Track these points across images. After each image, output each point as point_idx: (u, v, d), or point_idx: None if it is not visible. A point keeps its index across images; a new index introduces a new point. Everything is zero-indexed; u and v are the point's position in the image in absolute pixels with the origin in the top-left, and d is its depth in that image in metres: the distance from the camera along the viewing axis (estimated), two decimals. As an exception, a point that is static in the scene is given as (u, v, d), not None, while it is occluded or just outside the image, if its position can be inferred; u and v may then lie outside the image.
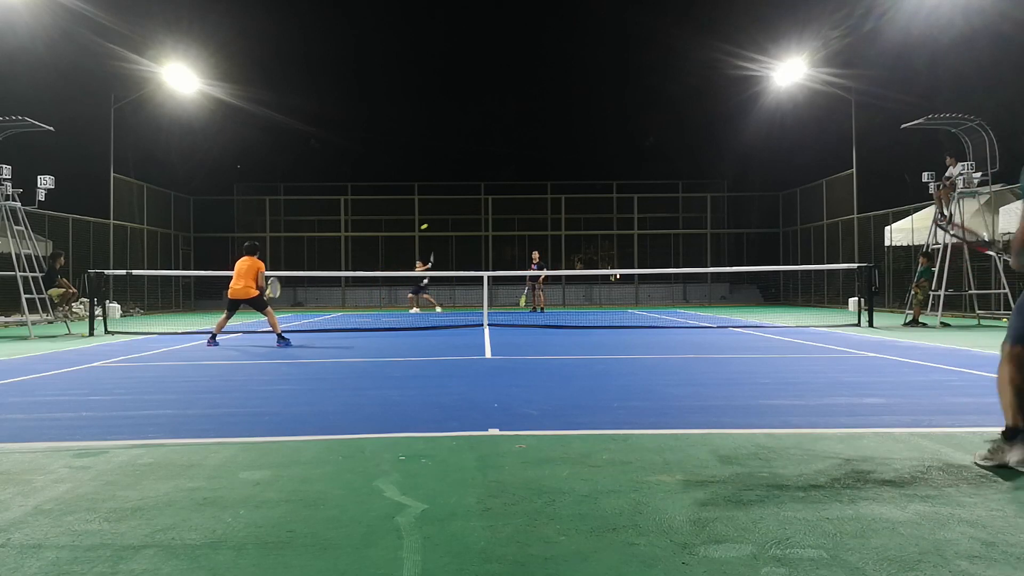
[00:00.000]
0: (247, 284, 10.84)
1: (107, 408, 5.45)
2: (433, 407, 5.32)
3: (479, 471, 3.51)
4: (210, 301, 29.77)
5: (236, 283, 10.90)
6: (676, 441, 4.11)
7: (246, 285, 10.83)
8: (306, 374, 7.64)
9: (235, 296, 10.95)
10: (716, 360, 8.76)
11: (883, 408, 5.17)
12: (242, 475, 3.47)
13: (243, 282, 10.83)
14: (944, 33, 22.12)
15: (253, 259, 11.06)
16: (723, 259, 31.69)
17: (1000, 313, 16.13)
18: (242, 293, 10.85)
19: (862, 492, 3.11)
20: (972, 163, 14.74)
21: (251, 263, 10.98)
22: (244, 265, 10.95)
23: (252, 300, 10.95)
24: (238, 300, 11.00)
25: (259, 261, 11.11)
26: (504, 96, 38.25)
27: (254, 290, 10.89)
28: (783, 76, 25.30)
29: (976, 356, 8.70)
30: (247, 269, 10.92)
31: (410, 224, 31.01)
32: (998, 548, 2.48)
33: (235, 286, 10.90)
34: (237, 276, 10.94)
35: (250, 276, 10.89)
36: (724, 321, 16.99)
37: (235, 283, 10.92)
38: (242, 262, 11.00)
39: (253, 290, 10.88)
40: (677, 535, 2.62)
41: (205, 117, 28.52)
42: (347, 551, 2.51)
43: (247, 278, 10.86)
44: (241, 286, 10.83)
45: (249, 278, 10.88)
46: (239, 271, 10.94)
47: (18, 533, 2.71)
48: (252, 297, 10.91)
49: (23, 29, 20.50)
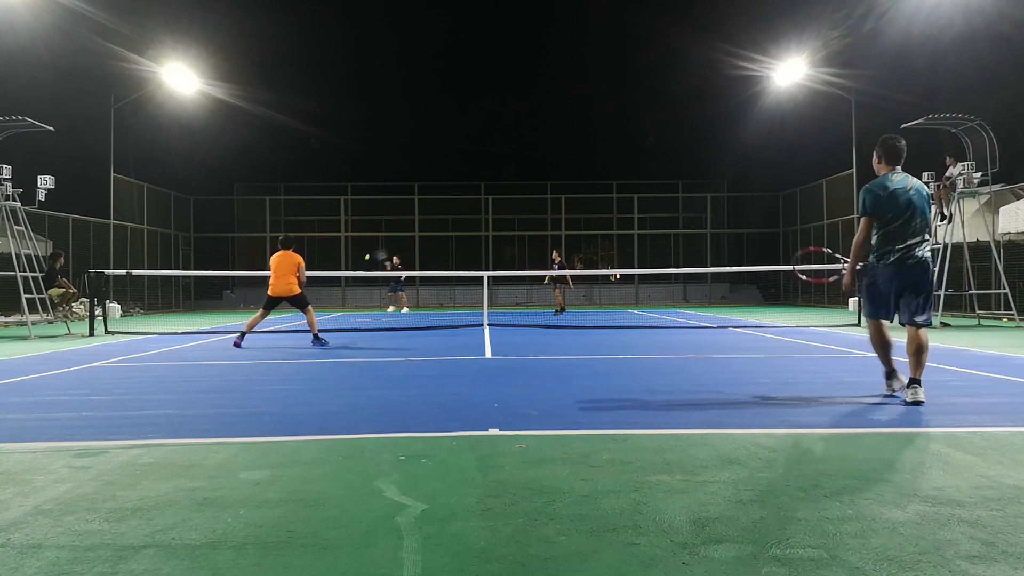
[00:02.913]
0: (289, 281, 10.46)
1: (107, 408, 5.45)
2: (433, 407, 5.32)
3: (479, 471, 3.51)
4: (210, 301, 29.79)
5: (277, 281, 10.48)
6: (676, 441, 4.11)
7: (288, 282, 10.45)
8: (306, 374, 7.63)
9: (276, 294, 10.53)
10: (716, 360, 8.75)
11: (883, 408, 5.17)
12: (242, 475, 3.47)
13: (285, 279, 10.45)
14: (944, 33, 22.13)
15: (289, 253, 10.62)
16: (723, 259, 31.70)
17: (1000, 313, 16.13)
18: (284, 290, 10.47)
19: (862, 492, 3.11)
20: (972, 163, 14.74)
21: (288, 258, 10.55)
22: (281, 261, 10.52)
23: (294, 298, 10.58)
24: (279, 298, 10.59)
25: (296, 255, 10.66)
26: (504, 96, 38.29)
27: (296, 287, 10.52)
28: (783, 76, 25.30)
29: (976, 356, 8.70)
30: (286, 265, 10.49)
31: (410, 224, 31.02)
32: (998, 548, 2.48)
33: (276, 284, 10.48)
34: (276, 273, 10.51)
35: (291, 272, 10.49)
36: (724, 321, 16.99)
37: (275, 281, 10.49)
38: (278, 257, 10.58)
39: (296, 287, 10.51)
40: (677, 535, 2.62)
41: (205, 117, 28.53)
42: (347, 551, 2.51)
43: (288, 274, 10.47)
44: (283, 283, 10.45)
45: (290, 274, 10.48)
46: (277, 268, 10.50)
47: (18, 533, 2.71)
48: (295, 295, 10.55)
49: (23, 29, 20.51)
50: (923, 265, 5.34)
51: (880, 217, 5.37)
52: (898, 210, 5.31)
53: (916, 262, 5.32)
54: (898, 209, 5.31)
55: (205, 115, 28.36)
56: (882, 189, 5.37)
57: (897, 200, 5.32)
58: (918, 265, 5.32)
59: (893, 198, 5.33)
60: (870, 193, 5.40)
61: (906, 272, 5.32)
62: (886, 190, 5.36)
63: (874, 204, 5.37)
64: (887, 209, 5.33)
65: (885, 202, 5.34)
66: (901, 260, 5.29)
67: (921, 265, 5.33)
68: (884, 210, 5.34)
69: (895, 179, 5.41)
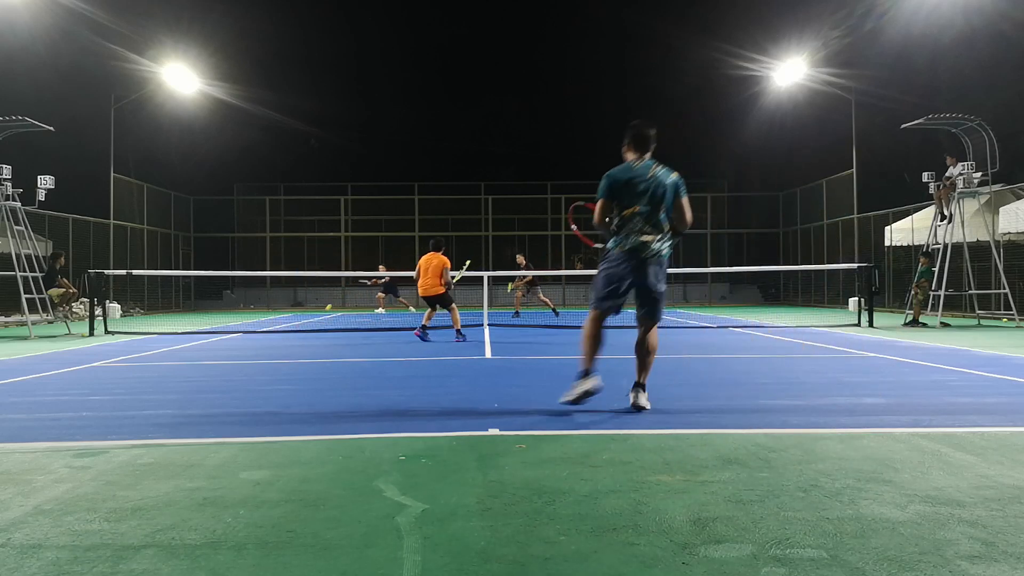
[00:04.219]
0: (433, 282, 11.00)
1: (107, 408, 5.45)
2: (433, 407, 5.32)
3: (479, 471, 3.51)
4: (210, 301, 29.79)
5: (422, 281, 11.09)
6: (676, 441, 4.11)
7: (432, 284, 11.00)
8: (306, 374, 7.63)
9: (424, 295, 11.19)
10: (716, 360, 8.75)
11: (883, 408, 5.17)
12: (242, 475, 3.47)
13: (428, 280, 11.01)
14: (944, 33, 22.11)
15: (437, 255, 11.16)
16: (723, 259, 31.68)
17: (1000, 313, 16.13)
18: (430, 291, 11.06)
19: (862, 492, 3.11)
20: (972, 163, 14.74)
21: (435, 260, 11.09)
22: (428, 262, 11.08)
23: (438, 297, 11.11)
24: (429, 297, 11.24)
25: (444, 257, 11.18)
26: (504, 96, 38.22)
27: (440, 287, 11.01)
28: (783, 76, 25.30)
29: (976, 356, 8.70)
30: (432, 266, 11.04)
31: (410, 224, 31.02)
32: (998, 548, 2.48)
33: (422, 284, 11.10)
34: (423, 274, 11.08)
35: (435, 274, 11.01)
36: (724, 321, 16.99)
37: (421, 281, 11.11)
38: (426, 259, 11.14)
39: (439, 287, 11.01)
40: (677, 535, 2.62)
41: (205, 117, 28.51)
42: (347, 551, 2.51)
43: (432, 276, 11.01)
44: (428, 284, 11.02)
45: (435, 276, 11.00)
46: (424, 269, 11.08)
47: (18, 533, 2.70)
48: (438, 294, 11.07)
49: (23, 29, 20.49)
50: (660, 260, 5.15)
51: (617, 203, 5.15)
52: (634, 199, 5.10)
53: (653, 255, 5.10)
54: (635, 198, 5.10)
55: (205, 115, 28.35)
56: (622, 175, 5.17)
57: (635, 188, 5.10)
58: (655, 259, 5.13)
59: (630, 186, 5.11)
60: (609, 177, 5.19)
61: (641, 265, 5.11)
62: (626, 176, 5.15)
63: (609, 189, 5.17)
64: (623, 196, 5.13)
65: (621, 188, 5.13)
66: (636, 251, 5.08)
67: (658, 260, 5.14)
68: (620, 196, 5.14)
69: (637, 167, 5.20)
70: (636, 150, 5.31)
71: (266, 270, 29.74)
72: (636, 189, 5.11)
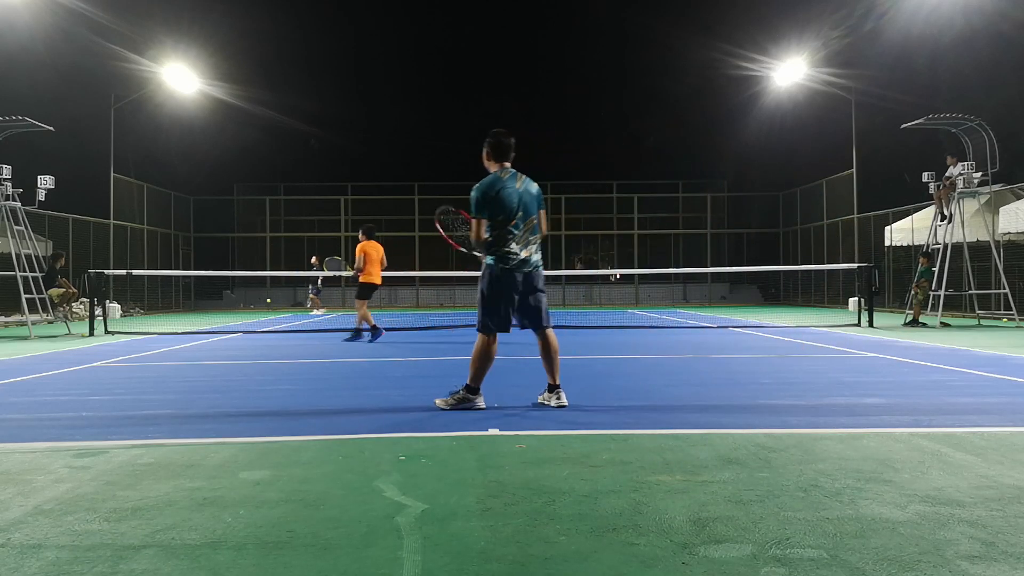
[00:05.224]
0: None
1: (107, 408, 5.45)
2: (433, 407, 5.32)
3: (479, 471, 3.51)
4: (210, 301, 29.79)
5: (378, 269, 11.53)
6: (676, 441, 4.11)
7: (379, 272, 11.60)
8: (306, 374, 7.64)
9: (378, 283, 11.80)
10: (716, 360, 8.75)
11: (883, 408, 5.17)
12: (242, 475, 3.47)
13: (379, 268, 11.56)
14: (944, 33, 22.12)
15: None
16: (723, 259, 31.68)
17: (1000, 313, 16.13)
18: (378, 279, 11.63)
19: (862, 492, 3.11)
20: (972, 163, 14.73)
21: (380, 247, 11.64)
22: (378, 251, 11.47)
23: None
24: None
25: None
26: (504, 96, 38.21)
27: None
28: (783, 76, 25.29)
29: (976, 356, 8.70)
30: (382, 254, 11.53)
31: (410, 224, 31.01)
32: (998, 548, 2.48)
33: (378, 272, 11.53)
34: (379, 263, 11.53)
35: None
36: (724, 321, 16.99)
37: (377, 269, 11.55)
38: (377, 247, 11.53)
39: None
40: (677, 535, 2.62)
41: (205, 117, 28.50)
42: (347, 551, 2.51)
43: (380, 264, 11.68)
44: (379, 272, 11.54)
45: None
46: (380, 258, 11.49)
47: (18, 533, 2.70)
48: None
49: (23, 29, 20.48)
50: (539, 271, 5.19)
51: (492, 218, 5.05)
52: (509, 211, 5.04)
53: (533, 268, 5.15)
54: (509, 210, 5.04)
55: (205, 115, 28.34)
56: (491, 188, 5.07)
57: (508, 201, 5.05)
58: (536, 271, 5.17)
59: (500, 199, 5.04)
60: (479, 191, 5.08)
61: (526, 280, 5.12)
62: (495, 189, 5.06)
63: (481, 204, 5.06)
64: (497, 210, 5.04)
65: (493, 201, 5.04)
66: (519, 267, 5.09)
67: (538, 271, 5.19)
68: (494, 210, 5.05)
69: (504, 178, 5.11)
70: (498, 160, 5.24)
71: (266, 270, 29.75)
72: (509, 202, 5.06)
